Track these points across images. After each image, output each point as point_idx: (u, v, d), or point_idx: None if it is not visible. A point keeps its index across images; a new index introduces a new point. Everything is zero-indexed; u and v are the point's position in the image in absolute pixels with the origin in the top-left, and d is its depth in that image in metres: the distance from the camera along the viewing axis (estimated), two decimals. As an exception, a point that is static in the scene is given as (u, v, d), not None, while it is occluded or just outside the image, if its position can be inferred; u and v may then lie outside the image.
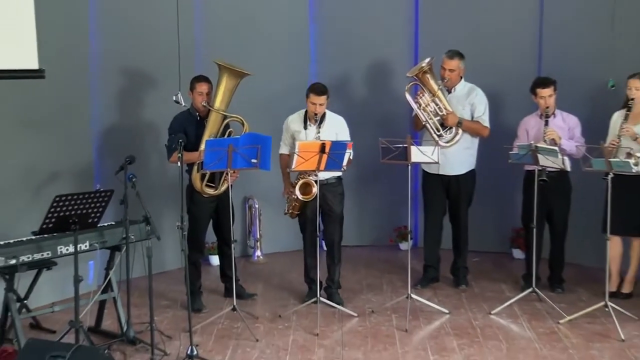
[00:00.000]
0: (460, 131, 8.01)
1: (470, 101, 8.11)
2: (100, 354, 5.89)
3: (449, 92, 8.12)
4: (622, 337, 6.89)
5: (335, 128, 7.70)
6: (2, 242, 6.64)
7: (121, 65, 8.52)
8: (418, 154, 7.41)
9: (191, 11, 8.81)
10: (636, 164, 7.20)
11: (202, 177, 7.59)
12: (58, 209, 6.41)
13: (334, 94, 8.85)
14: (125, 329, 6.91)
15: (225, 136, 7.63)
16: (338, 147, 7.20)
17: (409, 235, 8.14)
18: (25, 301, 6.96)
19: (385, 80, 9.36)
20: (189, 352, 6.42)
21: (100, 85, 8.46)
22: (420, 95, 8.03)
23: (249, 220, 9.41)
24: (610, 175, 7.15)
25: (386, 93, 9.33)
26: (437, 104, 7.99)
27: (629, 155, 7.31)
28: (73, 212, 6.46)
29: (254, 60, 8.36)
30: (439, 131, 7.98)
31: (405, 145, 7.35)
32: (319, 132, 7.53)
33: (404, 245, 8.82)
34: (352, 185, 9.20)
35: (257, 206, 9.33)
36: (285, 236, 9.08)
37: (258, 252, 9.43)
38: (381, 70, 9.36)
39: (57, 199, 6.38)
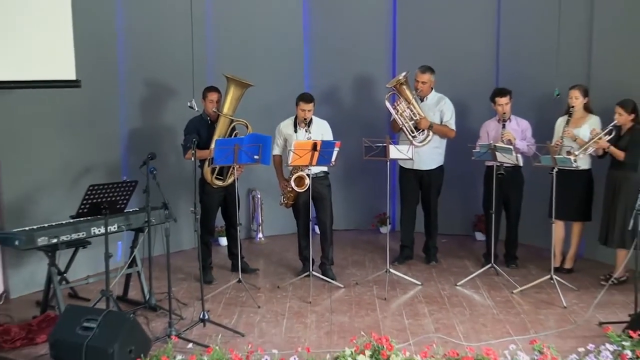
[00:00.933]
0: (431, 133, 8.05)
1: (440, 108, 8.14)
2: (126, 318, 5.92)
3: (422, 100, 8.14)
4: (564, 304, 6.98)
5: (321, 130, 7.72)
6: (45, 225, 6.70)
7: (144, 77, 8.54)
8: (395, 152, 7.45)
9: (203, 31, 8.79)
10: (575, 161, 7.26)
11: (212, 171, 7.64)
12: (91, 196, 6.43)
13: (324, 102, 8.93)
14: (147, 297, 7.00)
15: (232, 136, 7.62)
16: (327, 145, 7.24)
17: (388, 221, 8.16)
18: (64, 274, 6.98)
19: (368, 90, 9.35)
20: (201, 316, 6.47)
21: (128, 93, 8.47)
22: (398, 103, 8.05)
23: (252, 208, 9.39)
24: (555, 170, 7.21)
25: (368, 101, 9.32)
26: (411, 110, 8.01)
27: (570, 153, 7.37)
28: (104, 199, 6.48)
29: (257, 73, 8.33)
30: (413, 133, 8.00)
31: (384, 145, 7.39)
32: (310, 133, 7.53)
33: (384, 229, 8.82)
34: (340, 179, 9.24)
35: (259, 196, 9.32)
36: (282, 221, 9.05)
37: (260, 235, 9.44)
38: (364, 82, 9.36)
39: (91, 188, 6.40)
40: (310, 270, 7.63)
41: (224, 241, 8.65)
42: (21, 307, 7.08)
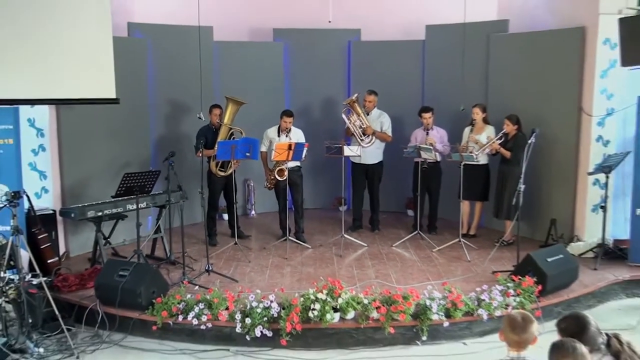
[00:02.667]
0: (374, 138, 8.04)
1: (380, 120, 8.13)
2: (150, 268, 5.93)
3: (368, 114, 8.12)
4: (468, 259, 7.07)
5: (297, 136, 7.69)
6: (94, 203, 6.69)
7: (167, 97, 8.48)
8: (348, 151, 7.46)
9: (211, 65, 8.71)
10: (476, 157, 7.33)
11: (217, 164, 7.60)
12: (126, 181, 6.44)
13: (300, 116, 8.89)
14: (168, 255, 7.01)
15: (230, 139, 7.59)
16: (299, 146, 7.25)
17: (344, 202, 8.22)
18: (108, 239, 6.97)
19: (330, 107, 9.31)
20: (206, 268, 6.51)
21: (155, 109, 8.42)
22: (351, 115, 8.03)
23: (247, 192, 9.33)
24: (462, 164, 7.29)
25: (331, 115, 9.24)
26: (360, 121, 8.01)
27: (472, 152, 7.43)
28: (135, 184, 6.48)
29: (250, 95, 8.26)
30: (361, 137, 7.98)
31: (340, 145, 7.41)
32: (289, 138, 7.53)
33: (342, 208, 8.82)
34: (310, 171, 9.19)
35: (252, 184, 9.25)
36: (268, 202, 8.98)
37: (253, 212, 9.38)
38: (327, 102, 9.34)
39: (125, 175, 6.42)
40: (287, 236, 7.64)
41: (226, 216, 8.59)
42: (77, 263, 7.05)
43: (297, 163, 7.70)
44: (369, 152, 8.09)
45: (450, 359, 5.20)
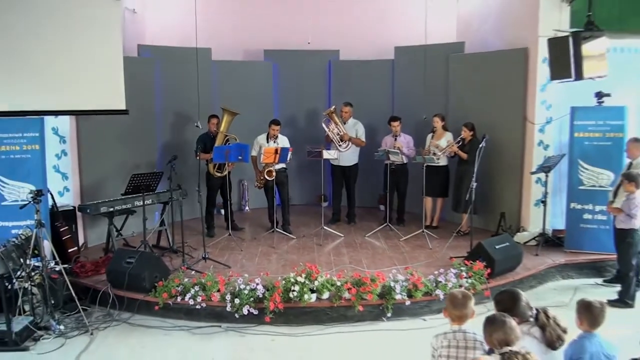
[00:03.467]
0: (350, 143, 8.02)
1: (356, 128, 8.12)
2: (153, 256, 5.93)
3: (345, 123, 8.10)
4: (430, 247, 7.07)
5: (283, 142, 7.67)
6: (106, 200, 6.68)
7: (172, 108, 8.40)
8: (326, 154, 7.42)
9: (210, 80, 8.67)
10: (437, 159, 7.35)
11: (214, 166, 7.58)
12: (133, 181, 6.40)
13: (287, 125, 8.90)
14: (171, 244, 6.96)
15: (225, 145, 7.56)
16: (284, 150, 7.26)
17: (323, 198, 8.18)
18: (120, 231, 6.94)
19: (313, 117, 9.27)
20: (203, 255, 6.48)
21: (161, 118, 8.36)
22: (330, 124, 8.02)
23: (241, 190, 9.28)
24: (425, 165, 7.30)
25: (314, 124, 9.18)
26: (338, 129, 8.01)
27: (433, 154, 7.45)
28: (141, 183, 6.45)
29: (244, 107, 8.24)
30: (339, 143, 7.99)
31: (319, 150, 7.40)
32: (277, 144, 7.52)
33: (324, 204, 8.81)
34: (297, 172, 9.20)
35: (246, 184, 9.19)
36: (260, 199, 8.81)
37: (247, 207, 9.33)
38: (311, 112, 9.30)
39: (133, 176, 6.40)
40: (274, 228, 7.62)
41: (223, 212, 8.54)
42: (94, 252, 7.02)
43: (283, 165, 7.67)
44: (345, 156, 8.08)
45: (412, 333, 5.21)
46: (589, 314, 3.40)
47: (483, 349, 3.09)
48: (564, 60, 5.57)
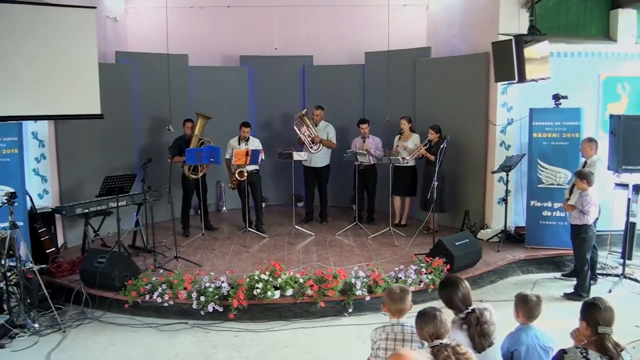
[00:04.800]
0: (321, 145, 8.05)
1: (327, 130, 8.14)
2: (123, 256, 5.91)
3: (316, 125, 8.12)
4: (396, 244, 7.07)
5: (254, 144, 7.67)
6: (82, 201, 6.65)
7: (149, 113, 8.32)
8: (296, 156, 7.44)
9: (187, 85, 8.67)
10: (404, 160, 7.37)
11: (188, 168, 7.54)
12: (107, 183, 6.37)
13: (262, 128, 8.89)
14: (145, 244, 6.94)
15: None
16: (255, 152, 7.26)
17: (299, 198, 8.20)
18: (98, 232, 6.92)
19: (288, 120, 9.12)
20: (175, 254, 6.47)
21: (139, 122, 8.30)
22: (301, 127, 8.04)
23: (219, 192, 9.23)
24: (391, 166, 7.33)
25: (289, 127, 8.96)
26: (310, 131, 8.02)
27: (402, 158, 7.47)
28: (115, 185, 6.42)
29: (221, 111, 8.26)
30: (310, 145, 8.01)
31: (290, 152, 7.42)
32: (247, 145, 7.51)
33: (299, 204, 8.83)
34: (271, 173, 9.20)
35: (223, 185, 9.12)
36: (237, 200, 8.71)
37: (224, 208, 9.28)
38: (286, 116, 9.22)
39: (106, 178, 6.37)
40: (247, 227, 7.62)
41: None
42: (73, 252, 6.97)
43: (256, 167, 7.66)
44: (317, 157, 8.09)
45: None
46: (525, 306, 3.43)
47: (420, 342, 3.09)
48: (508, 62, 5.61)
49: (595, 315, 2.90)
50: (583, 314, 2.97)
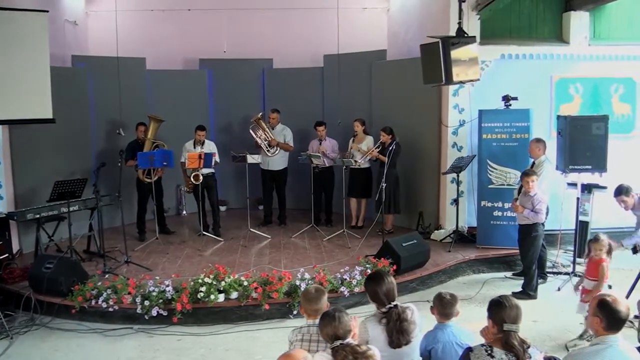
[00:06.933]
0: (278, 149, 8.13)
1: (284, 133, 8.23)
2: (72, 261, 5.94)
3: (273, 129, 8.20)
4: (349, 246, 7.16)
5: (210, 147, 7.73)
6: (34, 207, 6.68)
7: (106, 117, 8.31)
8: (250, 159, 7.52)
9: (144, 89, 8.71)
10: (359, 165, 7.50)
11: (142, 172, 7.56)
12: (57, 188, 6.41)
13: (222, 131, 8.94)
14: (98, 250, 6.91)
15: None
16: (208, 156, 7.33)
17: (256, 201, 8.27)
18: (52, 237, 6.93)
19: (246, 124, 9.04)
20: (125, 259, 6.52)
21: (95, 127, 8.31)
22: (257, 130, 8.11)
23: (179, 195, 9.29)
24: (345, 168, 7.45)
25: (247, 130, 8.82)
26: (266, 135, 8.11)
27: (355, 161, 7.57)
28: (66, 190, 6.46)
29: (180, 115, 8.31)
30: (267, 148, 8.10)
31: (243, 155, 7.50)
32: (202, 149, 7.59)
33: (260, 207, 8.89)
34: (232, 176, 9.26)
35: (183, 189, 9.02)
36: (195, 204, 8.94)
37: (184, 212, 9.32)
38: (246, 119, 9.11)
39: (56, 182, 6.41)
40: (202, 231, 7.69)
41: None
42: (28, 258, 6.91)
43: (212, 170, 7.71)
44: (274, 160, 8.18)
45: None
46: (440, 305, 3.58)
47: (333, 343, 3.20)
48: (435, 64, 5.71)
49: (501, 314, 3.00)
50: (489, 312, 3.08)
